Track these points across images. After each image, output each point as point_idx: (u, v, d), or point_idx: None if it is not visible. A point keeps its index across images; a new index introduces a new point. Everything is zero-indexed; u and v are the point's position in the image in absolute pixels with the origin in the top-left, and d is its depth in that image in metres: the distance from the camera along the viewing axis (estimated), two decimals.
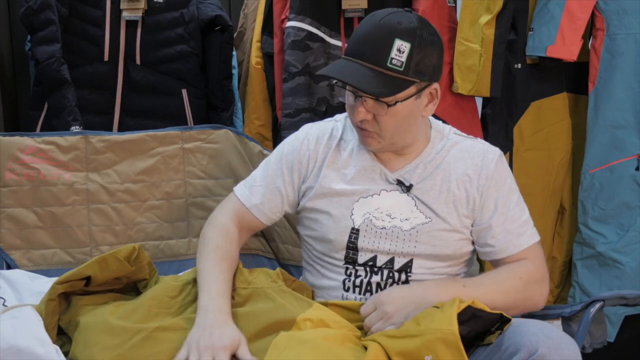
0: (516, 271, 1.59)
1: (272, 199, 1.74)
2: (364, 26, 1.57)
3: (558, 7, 2.30)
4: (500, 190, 1.65)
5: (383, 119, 1.57)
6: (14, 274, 1.83)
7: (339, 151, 1.71)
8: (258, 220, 1.75)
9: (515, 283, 1.58)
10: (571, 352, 1.37)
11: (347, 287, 1.65)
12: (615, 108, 2.34)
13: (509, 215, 1.64)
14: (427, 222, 1.62)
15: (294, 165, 1.73)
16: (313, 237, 1.71)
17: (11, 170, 1.95)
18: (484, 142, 1.73)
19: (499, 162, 1.67)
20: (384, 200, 1.65)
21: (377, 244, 1.63)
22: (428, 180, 1.65)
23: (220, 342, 1.42)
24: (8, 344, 1.36)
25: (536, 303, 1.61)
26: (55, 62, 2.27)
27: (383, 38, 1.52)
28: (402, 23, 1.53)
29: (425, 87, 1.58)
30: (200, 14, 2.46)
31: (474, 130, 2.45)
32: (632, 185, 2.35)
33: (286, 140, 1.80)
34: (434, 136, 1.70)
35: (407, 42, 1.51)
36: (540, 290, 1.62)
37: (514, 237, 1.63)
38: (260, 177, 1.76)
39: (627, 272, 2.35)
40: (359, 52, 1.55)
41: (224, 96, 2.52)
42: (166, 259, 2.05)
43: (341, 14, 2.39)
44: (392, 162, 1.68)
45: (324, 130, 1.75)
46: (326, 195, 1.68)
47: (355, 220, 1.64)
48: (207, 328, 1.45)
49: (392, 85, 1.53)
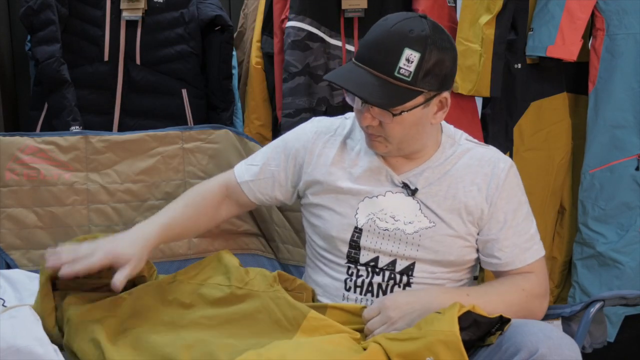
0: (520, 284, 1.59)
1: (264, 180, 1.76)
2: (376, 31, 1.54)
3: (558, 7, 2.30)
4: (510, 202, 1.63)
5: (389, 126, 1.56)
6: (14, 273, 1.83)
7: (346, 149, 1.71)
8: (245, 197, 1.78)
9: (518, 296, 1.58)
10: (571, 352, 1.37)
11: (349, 286, 1.65)
12: (615, 108, 2.34)
13: (518, 229, 1.63)
14: (431, 227, 1.62)
15: (291, 154, 1.74)
16: (316, 233, 1.71)
17: (11, 170, 1.95)
18: (496, 151, 1.70)
19: (510, 173, 1.65)
20: (388, 202, 1.64)
21: (379, 244, 1.62)
22: (434, 186, 1.64)
23: (106, 245, 1.49)
24: (7, 343, 1.36)
25: (536, 316, 1.60)
26: (55, 62, 2.27)
27: (393, 46, 1.49)
28: (414, 31, 1.49)
29: (434, 96, 1.56)
30: (200, 14, 2.46)
31: (474, 130, 2.45)
32: (632, 185, 2.35)
33: (294, 129, 1.82)
34: (445, 141, 1.68)
35: (416, 52, 1.48)
36: (541, 305, 1.63)
37: (520, 252, 1.63)
38: (259, 157, 1.80)
39: (627, 272, 2.35)
40: (368, 58, 1.53)
41: (224, 96, 2.52)
42: (166, 259, 2.06)
43: (341, 14, 2.38)
44: (400, 165, 1.67)
45: (330, 126, 1.76)
46: (332, 192, 1.68)
47: (359, 220, 1.64)
48: (117, 235, 1.54)
49: (397, 96, 1.50)
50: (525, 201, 1.68)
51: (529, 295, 1.59)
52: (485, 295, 1.56)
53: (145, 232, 1.59)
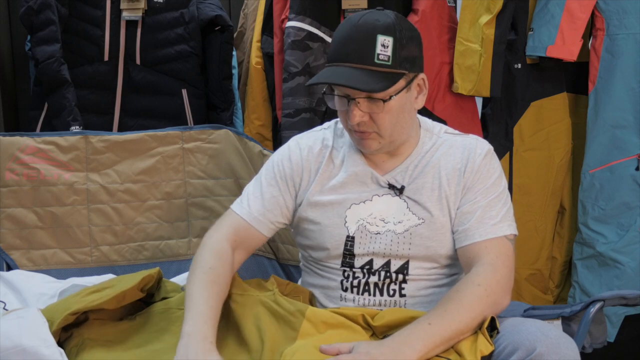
0: (473, 280, 1.51)
1: (272, 209, 1.69)
2: (343, 30, 1.57)
3: (558, 7, 2.30)
4: (483, 182, 1.62)
5: (379, 116, 1.56)
6: (15, 275, 1.83)
7: (332, 160, 1.70)
8: (259, 233, 1.68)
9: (476, 291, 1.49)
10: (569, 351, 1.36)
11: (345, 287, 1.65)
12: (615, 108, 2.34)
13: (487, 206, 1.60)
14: (420, 224, 1.61)
15: (287, 175, 1.70)
16: (310, 246, 1.70)
17: (11, 170, 1.95)
18: (476, 138, 1.70)
19: (486, 157, 1.65)
20: (376, 206, 1.64)
21: (372, 248, 1.62)
22: (419, 179, 1.64)
23: None
24: (13, 343, 1.37)
25: (501, 305, 1.52)
26: (55, 62, 2.27)
27: (365, 36, 1.53)
28: (380, 20, 1.54)
29: (413, 79, 1.59)
30: (200, 14, 2.46)
31: (474, 131, 2.45)
32: (632, 185, 2.35)
33: (275, 152, 1.77)
34: (423, 135, 1.69)
35: (389, 37, 1.53)
36: (502, 294, 1.52)
37: (486, 226, 1.58)
38: (255, 191, 1.71)
39: (627, 272, 2.35)
40: (344, 54, 1.55)
41: (224, 96, 2.52)
42: (166, 259, 2.06)
43: (341, 14, 2.39)
44: (384, 164, 1.67)
45: (315, 139, 1.73)
46: (318, 205, 1.66)
47: (349, 228, 1.64)
48: (191, 356, 1.39)
49: (384, 80, 1.53)
50: (500, 184, 1.64)
51: (487, 286, 1.50)
52: (445, 313, 1.46)
53: (207, 340, 1.45)
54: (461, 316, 1.45)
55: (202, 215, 2.09)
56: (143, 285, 1.58)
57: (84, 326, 1.52)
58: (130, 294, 1.55)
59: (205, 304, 1.49)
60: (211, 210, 2.09)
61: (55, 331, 1.45)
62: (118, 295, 1.52)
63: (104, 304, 1.51)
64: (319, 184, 1.68)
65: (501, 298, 1.51)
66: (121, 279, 1.62)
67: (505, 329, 1.44)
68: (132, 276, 1.59)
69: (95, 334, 1.51)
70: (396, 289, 1.62)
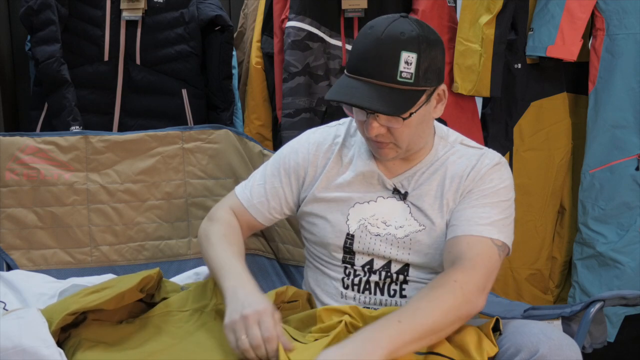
0: (450, 275, 1.47)
1: (271, 200, 1.73)
2: (366, 42, 1.51)
3: (558, 7, 2.30)
4: (482, 187, 1.58)
5: (398, 130, 1.54)
6: (15, 275, 1.83)
7: (340, 157, 1.70)
8: (256, 220, 1.75)
9: (451, 287, 1.44)
10: (572, 353, 1.37)
11: (347, 284, 1.65)
12: (615, 108, 2.34)
13: (481, 207, 1.56)
14: (420, 230, 1.61)
15: (291, 167, 1.72)
16: (312, 241, 1.72)
17: (11, 170, 1.95)
18: (489, 150, 1.66)
19: (494, 167, 1.60)
20: (379, 207, 1.64)
21: (372, 249, 1.63)
22: (424, 186, 1.63)
23: (260, 306, 1.41)
24: (13, 343, 1.36)
25: (475, 304, 1.46)
26: (55, 62, 2.27)
27: (389, 53, 1.48)
28: (405, 33, 1.49)
29: (433, 91, 1.55)
30: (200, 14, 2.46)
31: (474, 130, 2.45)
32: (632, 185, 2.36)
33: (287, 144, 1.79)
34: (437, 142, 1.67)
35: (413, 53, 1.48)
36: (477, 293, 1.45)
37: (471, 224, 1.54)
38: (260, 178, 1.76)
39: (627, 272, 2.36)
40: (365, 70, 1.50)
41: (224, 96, 2.52)
42: (166, 259, 2.06)
43: (341, 14, 2.39)
44: (394, 167, 1.66)
45: (326, 136, 1.74)
46: (323, 201, 1.67)
47: (350, 226, 1.64)
48: (241, 300, 1.42)
49: (406, 100, 1.49)
50: (503, 195, 1.58)
51: (462, 283, 1.45)
52: (417, 311, 1.40)
53: (251, 284, 1.50)
54: (434, 314, 1.39)
55: (202, 215, 2.08)
56: (142, 285, 1.57)
57: (82, 326, 1.52)
58: (129, 294, 1.55)
59: (232, 261, 1.58)
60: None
61: (54, 331, 1.45)
62: (117, 295, 1.52)
63: (103, 304, 1.51)
64: (325, 180, 1.69)
65: (476, 297, 1.45)
66: (121, 279, 1.62)
67: (508, 331, 1.44)
68: (131, 277, 1.59)
69: (92, 335, 1.50)
70: (397, 289, 1.63)
